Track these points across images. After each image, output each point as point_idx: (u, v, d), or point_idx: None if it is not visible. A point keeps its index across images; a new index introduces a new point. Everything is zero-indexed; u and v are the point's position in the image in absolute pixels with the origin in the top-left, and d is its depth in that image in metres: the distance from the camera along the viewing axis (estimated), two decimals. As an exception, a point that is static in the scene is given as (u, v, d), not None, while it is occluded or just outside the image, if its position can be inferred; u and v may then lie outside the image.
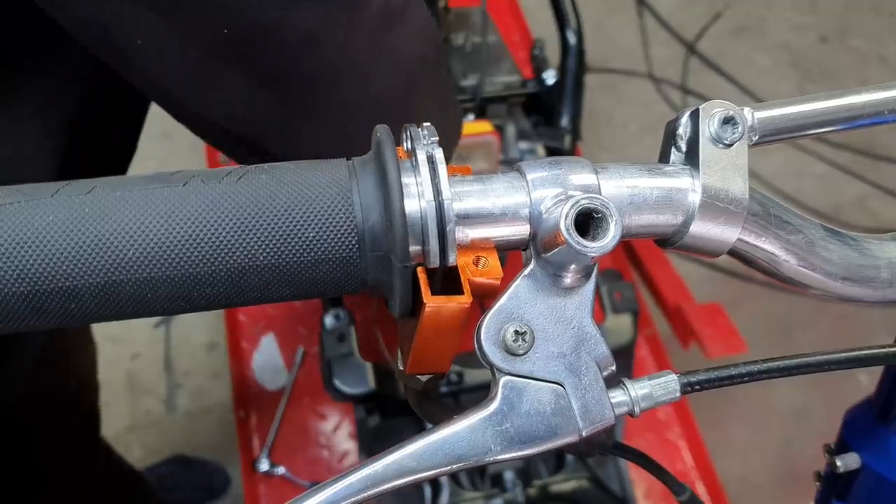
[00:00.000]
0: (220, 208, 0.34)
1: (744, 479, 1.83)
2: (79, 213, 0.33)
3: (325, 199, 0.35)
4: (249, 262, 0.35)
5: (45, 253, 0.33)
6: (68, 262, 0.33)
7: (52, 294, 0.33)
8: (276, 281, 0.35)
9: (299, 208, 0.35)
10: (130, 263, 0.33)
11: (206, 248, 0.34)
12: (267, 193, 0.35)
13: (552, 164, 0.37)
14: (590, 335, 0.37)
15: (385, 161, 0.35)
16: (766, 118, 0.39)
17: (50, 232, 0.33)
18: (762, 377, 0.40)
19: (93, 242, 0.33)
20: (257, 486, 1.46)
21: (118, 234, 0.33)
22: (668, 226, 0.37)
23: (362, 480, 0.35)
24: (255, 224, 0.34)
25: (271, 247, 0.35)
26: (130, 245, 0.33)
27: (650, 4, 2.81)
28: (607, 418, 0.37)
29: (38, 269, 0.33)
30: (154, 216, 0.33)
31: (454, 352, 0.39)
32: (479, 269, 0.36)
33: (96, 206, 0.33)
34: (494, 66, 1.71)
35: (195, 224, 0.34)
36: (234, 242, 0.34)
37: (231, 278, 0.35)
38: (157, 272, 0.34)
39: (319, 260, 0.35)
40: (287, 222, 0.35)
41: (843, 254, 0.40)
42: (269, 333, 1.63)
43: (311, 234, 0.35)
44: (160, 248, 0.34)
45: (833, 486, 0.54)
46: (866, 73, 2.67)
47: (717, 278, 2.13)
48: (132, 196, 0.34)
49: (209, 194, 0.34)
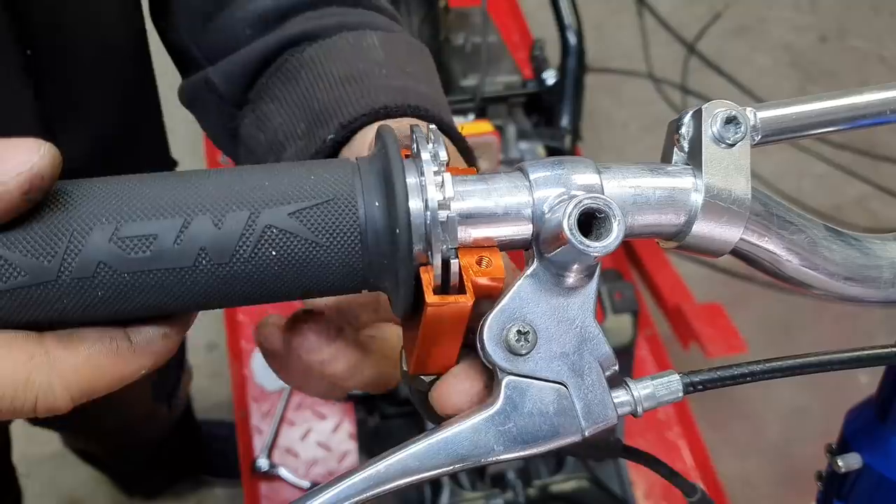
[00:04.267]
0: (234, 287, 0.35)
1: (744, 479, 1.83)
2: (92, 297, 0.34)
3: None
4: (257, 297, 0.35)
5: (62, 326, 0.35)
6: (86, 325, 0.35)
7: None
8: (279, 281, 0.36)
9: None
10: (147, 316, 0.36)
11: (219, 300, 0.36)
12: (283, 281, 0.35)
13: (555, 163, 0.37)
14: (592, 335, 0.37)
15: (389, 160, 0.35)
16: (768, 118, 0.39)
17: (66, 312, 0.34)
18: (763, 377, 0.40)
19: (108, 314, 0.35)
20: (257, 486, 1.46)
21: (133, 308, 0.35)
22: (670, 226, 0.37)
23: (365, 480, 0.35)
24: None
25: (280, 287, 0.35)
26: (147, 311, 0.35)
27: (650, 4, 2.81)
28: (610, 418, 0.37)
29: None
30: (167, 300, 0.35)
31: (457, 352, 0.39)
32: (481, 269, 0.36)
33: (108, 290, 0.34)
34: (494, 66, 1.71)
35: (209, 298, 0.35)
36: (244, 289, 0.35)
37: (232, 280, 0.35)
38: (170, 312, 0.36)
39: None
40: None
41: (845, 254, 0.40)
42: (269, 333, 1.63)
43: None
44: (175, 307, 0.36)
45: (834, 486, 0.54)
46: (866, 73, 2.67)
47: (717, 278, 2.13)
48: (142, 282, 0.34)
49: (221, 279, 0.35)
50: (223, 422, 1.78)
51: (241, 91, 0.56)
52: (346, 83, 0.50)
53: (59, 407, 0.35)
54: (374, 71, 0.51)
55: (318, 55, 0.53)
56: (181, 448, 1.69)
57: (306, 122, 0.51)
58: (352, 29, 0.54)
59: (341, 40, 0.53)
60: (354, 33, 0.54)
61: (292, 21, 0.56)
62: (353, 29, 0.54)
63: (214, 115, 0.60)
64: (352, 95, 0.49)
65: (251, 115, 0.56)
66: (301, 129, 0.51)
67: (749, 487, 1.82)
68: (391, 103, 0.48)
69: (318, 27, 0.54)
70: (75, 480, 1.80)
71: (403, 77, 0.52)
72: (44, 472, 1.78)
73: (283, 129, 0.52)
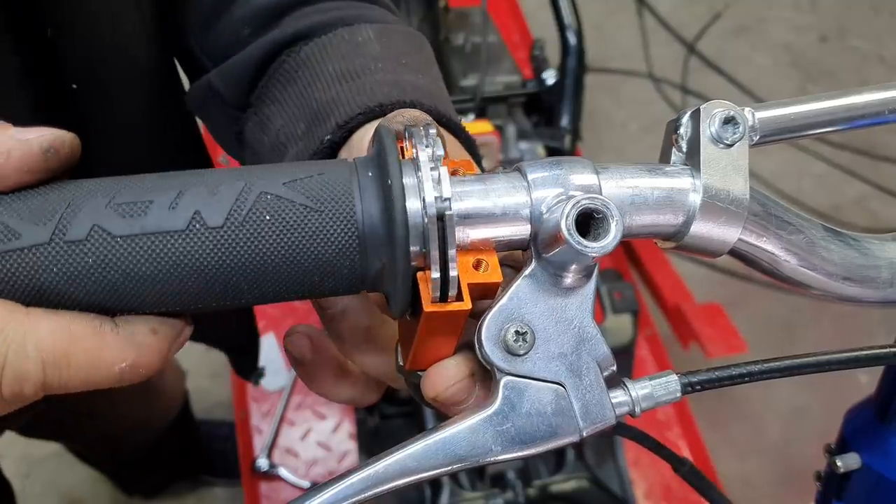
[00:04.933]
0: (228, 257, 0.34)
1: (744, 479, 1.83)
2: (82, 264, 0.33)
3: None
4: (253, 272, 0.35)
5: (49, 302, 0.34)
6: (73, 307, 0.34)
7: None
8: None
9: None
10: (138, 304, 0.35)
11: (216, 284, 0.35)
12: (274, 238, 0.35)
13: (553, 164, 0.37)
14: (590, 335, 0.37)
15: (386, 161, 0.35)
16: (766, 118, 0.39)
17: (56, 285, 0.33)
18: (762, 377, 0.40)
19: (99, 291, 0.34)
20: (257, 485, 1.46)
21: (124, 284, 0.34)
22: (668, 226, 0.37)
23: (363, 480, 0.35)
24: (259, 237, 0.35)
25: (274, 258, 0.35)
26: (137, 292, 0.34)
27: (650, 4, 2.81)
28: (608, 418, 0.37)
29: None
30: (159, 267, 0.34)
31: (452, 350, 0.39)
32: (479, 273, 0.36)
33: (98, 256, 0.33)
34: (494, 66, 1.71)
35: (203, 271, 0.34)
36: (238, 258, 0.35)
37: (234, 286, 0.35)
38: (165, 305, 0.35)
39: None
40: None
41: (843, 254, 0.40)
42: (269, 333, 1.63)
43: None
44: (167, 290, 0.34)
45: (833, 486, 0.54)
46: (866, 73, 2.67)
47: (717, 278, 2.13)
48: (134, 246, 0.34)
49: (214, 243, 0.34)
50: (223, 422, 1.78)
51: (243, 94, 0.56)
52: (343, 80, 0.50)
53: (29, 371, 0.33)
54: (369, 66, 0.51)
55: (314, 54, 0.53)
56: (180, 448, 1.70)
57: (305, 122, 0.51)
58: (347, 23, 0.54)
59: (336, 37, 0.53)
60: (349, 28, 0.53)
61: (288, 19, 0.56)
62: (348, 23, 0.54)
63: (219, 119, 0.60)
64: (348, 94, 0.49)
65: (254, 117, 0.56)
66: (301, 129, 0.51)
67: (749, 487, 1.82)
68: (386, 100, 0.48)
69: (314, 24, 0.54)
70: (75, 480, 1.80)
71: (399, 70, 0.51)
72: (44, 472, 1.78)
73: (284, 131, 0.52)
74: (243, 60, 0.55)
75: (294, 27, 0.54)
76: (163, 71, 0.64)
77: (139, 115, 0.64)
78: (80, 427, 1.30)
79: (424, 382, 0.39)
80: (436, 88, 0.52)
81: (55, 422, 1.22)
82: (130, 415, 1.36)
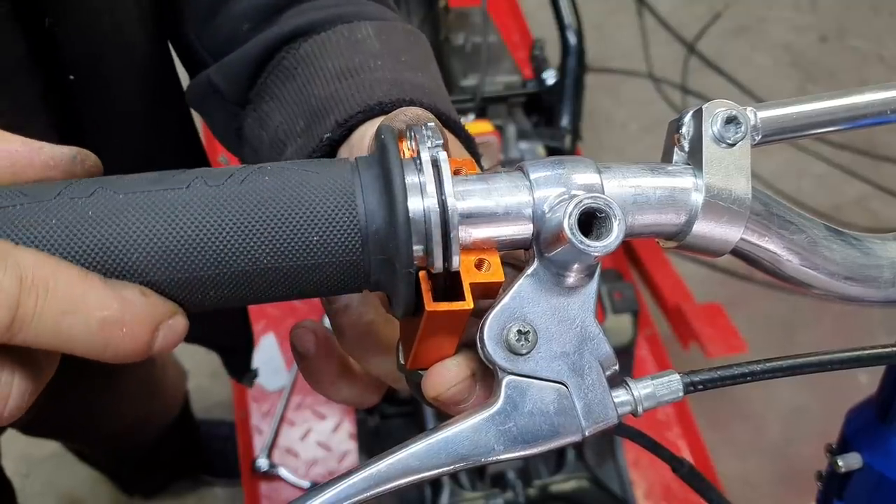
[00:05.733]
0: (224, 211, 0.34)
1: (744, 479, 1.83)
2: (81, 216, 0.33)
3: (329, 198, 0.35)
4: (252, 263, 0.35)
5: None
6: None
7: None
8: (278, 281, 0.35)
9: (302, 208, 0.35)
10: (133, 267, 0.34)
11: (210, 250, 0.34)
12: (270, 193, 0.35)
13: (555, 163, 0.37)
14: (593, 334, 0.37)
15: (388, 160, 0.35)
16: (768, 118, 0.39)
17: (52, 235, 0.33)
18: (763, 377, 0.40)
19: (95, 246, 0.33)
20: (257, 485, 1.46)
21: (121, 237, 0.33)
22: (671, 225, 0.37)
23: (365, 480, 0.35)
24: (258, 223, 0.34)
25: (274, 247, 0.35)
26: (133, 249, 0.33)
27: (650, 4, 2.81)
28: (610, 418, 0.37)
29: None
30: (157, 220, 0.34)
31: (454, 350, 0.39)
32: (481, 272, 0.36)
33: (98, 209, 0.33)
34: (494, 66, 1.71)
35: (199, 227, 0.34)
36: (237, 244, 0.34)
37: (233, 279, 0.35)
38: (160, 275, 0.34)
39: (323, 260, 0.35)
40: (290, 222, 0.35)
41: (845, 253, 0.40)
42: (269, 333, 1.63)
43: (315, 234, 0.35)
44: (163, 251, 0.34)
45: (834, 485, 0.54)
46: (866, 73, 2.67)
47: (717, 278, 2.13)
48: (135, 199, 0.34)
49: (212, 197, 0.34)
50: (223, 421, 1.78)
51: (242, 90, 0.56)
52: (342, 78, 0.50)
53: (2, 284, 0.29)
54: (368, 64, 0.51)
55: (313, 51, 0.53)
56: (180, 448, 1.70)
57: (305, 119, 0.51)
58: (346, 20, 0.54)
59: (336, 34, 0.53)
60: (349, 25, 0.53)
61: (287, 14, 0.56)
62: (347, 20, 0.54)
63: (219, 115, 0.60)
64: (347, 91, 0.49)
65: (253, 114, 0.56)
66: (300, 126, 0.51)
67: (749, 487, 1.82)
68: (386, 98, 0.48)
69: (313, 21, 0.54)
70: (75, 480, 1.80)
71: (399, 67, 0.51)
72: (44, 471, 1.78)
73: (283, 128, 0.52)
74: (242, 56, 0.55)
75: (293, 23, 0.54)
76: (160, 68, 0.64)
77: (136, 110, 0.64)
78: (81, 426, 1.30)
79: (425, 382, 0.39)
80: (435, 86, 0.52)
81: (55, 421, 1.22)
82: (130, 412, 1.35)
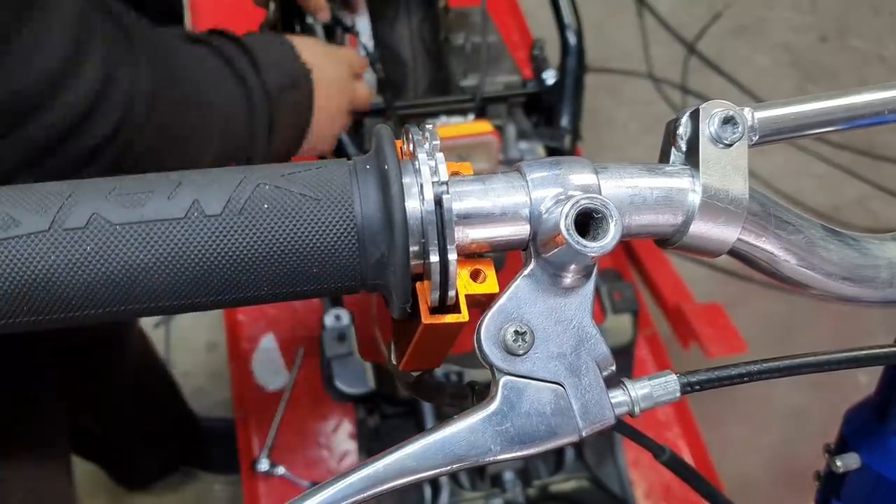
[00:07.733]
0: (226, 249, 0.34)
1: (744, 479, 1.83)
2: (80, 251, 0.33)
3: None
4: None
5: (48, 292, 0.34)
6: (72, 298, 0.34)
7: (54, 323, 0.34)
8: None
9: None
10: (135, 298, 0.34)
11: (212, 284, 0.35)
12: (271, 223, 0.35)
13: (552, 163, 0.37)
14: (590, 335, 0.37)
15: (385, 161, 0.35)
16: (766, 118, 0.39)
17: (52, 273, 0.33)
18: (762, 377, 0.40)
19: (96, 281, 0.34)
20: (257, 486, 1.46)
21: (122, 273, 0.34)
22: (668, 226, 0.37)
23: (362, 480, 0.35)
24: (260, 259, 0.35)
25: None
26: (135, 283, 0.34)
27: (650, 4, 2.81)
28: (607, 418, 0.37)
29: (42, 305, 0.34)
30: (157, 257, 0.34)
31: (446, 355, 0.39)
32: (476, 284, 0.36)
33: (97, 243, 0.33)
34: (494, 66, 1.70)
35: (200, 265, 0.34)
36: (240, 276, 0.35)
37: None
38: (159, 304, 0.35)
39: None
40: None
41: (843, 254, 0.40)
42: (269, 333, 1.63)
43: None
44: (166, 281, 0.34)
45: (833, 485, 0.54)
46: (866, 73, 2.67)
47: (717, 278, 2.13)
48: (133, 233, 0.34)
49: (212, 232, 0.34)
50: (222, 419, 1.78)
51: None
52: None
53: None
54: None
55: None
56: (180, 445, 1.70)
57: None
58: None
59: None
60: None
61: None
62: None
63: None
64: None
65: None
66: None
67: (749, 487, 1.82)
68: None
69: None
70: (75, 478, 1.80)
71: None
72: (44, 471, 1.78)
73: None
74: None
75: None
76: None
77: None
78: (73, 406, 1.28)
79: None
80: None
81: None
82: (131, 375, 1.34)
